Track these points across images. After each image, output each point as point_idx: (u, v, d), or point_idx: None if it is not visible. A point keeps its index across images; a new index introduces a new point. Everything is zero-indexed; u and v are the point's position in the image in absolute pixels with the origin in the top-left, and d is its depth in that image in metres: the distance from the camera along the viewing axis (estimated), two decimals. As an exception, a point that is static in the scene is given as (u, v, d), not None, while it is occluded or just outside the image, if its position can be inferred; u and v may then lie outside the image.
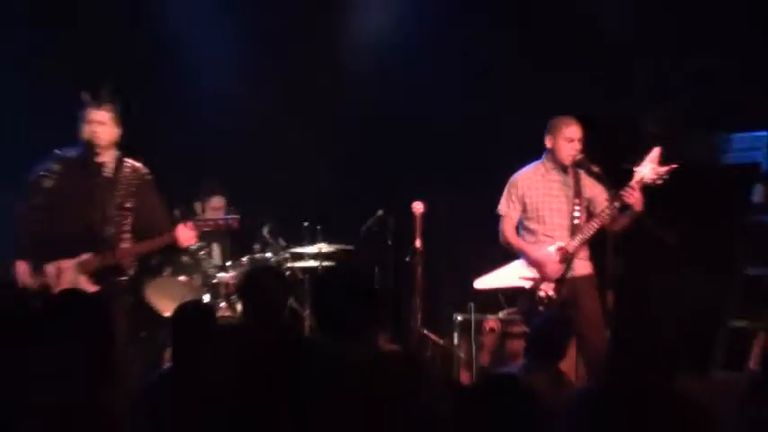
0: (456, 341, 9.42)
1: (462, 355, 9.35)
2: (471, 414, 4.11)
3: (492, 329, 9.06)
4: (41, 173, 7.98)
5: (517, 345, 8.61)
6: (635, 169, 8.28)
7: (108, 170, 7.98)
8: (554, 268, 8.42)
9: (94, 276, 7.84)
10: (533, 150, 8.71)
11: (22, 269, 7.83)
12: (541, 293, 8.44)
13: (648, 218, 8.36)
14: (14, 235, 7.98)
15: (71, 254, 7.85)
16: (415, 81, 10.42)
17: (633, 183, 8.22)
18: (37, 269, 7.83)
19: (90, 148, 7.93)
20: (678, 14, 10.08)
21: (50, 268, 7.84)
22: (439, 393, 4.91)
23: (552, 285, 8.42)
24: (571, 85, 9.84)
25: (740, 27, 9.94)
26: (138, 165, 8.08)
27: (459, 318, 9.40)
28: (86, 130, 7.92)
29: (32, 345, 4.59)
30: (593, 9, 10.11)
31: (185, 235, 7.93)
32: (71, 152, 8.02)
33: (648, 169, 8.25)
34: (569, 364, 7.93)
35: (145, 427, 4.99)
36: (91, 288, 7.67)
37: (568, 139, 8.50)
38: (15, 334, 4.69)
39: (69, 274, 7.83)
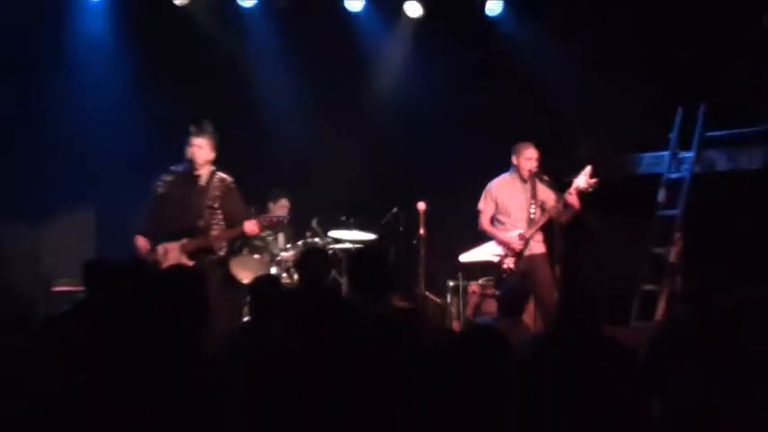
0: (449, 300, 9.38)
1: (453, 310, 9.30)
2: (460, 350, 4.05)
3: (474, 292, 9.00)
4: (159, 182, 8.01)
5: (491, 303, 8.56)
6: (573, 180, 8.30)
7: (203, 180, 7.98)
8: (515, 247, 8.42)
9: (191, 255, 7.85)
10: (503, 165, 8.75)
11: (141, 242, 7.85)
12: (505, 266, 8.46)
13: (583, 213, 8.34)
14: (139, 221, 7.98)
15: (174, 239, 7.87)
16: (420, 118, 10.39)
17: (572, 189, 8.25)
18: (151, 248, 7.86)
19: (191, 164, 7.94)
20: (593, 70, 10.08)
21: (160, 249, 7.86)
22: (437, 336, 4.92)
23: (513, 260, 8.43)
24: (529, 121, 9.83)
25: (638, 80, 9.90)
26: (225, 176, 8.05)
27: (451, 283, 9.33)
28: (189, 151, 7.93)
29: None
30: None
31: (250, 227, 7.94)
32: (179, 167, 8.03)
33: (583, 180, 8.27)
34: (529, 317, 7.90)
35: (229, 360, 4.95)
36: (189, 263, 7.67)
37: (528, 158, 8.52)
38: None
39: (173, 253, 7.83)
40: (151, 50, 9.55)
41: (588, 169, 8.32)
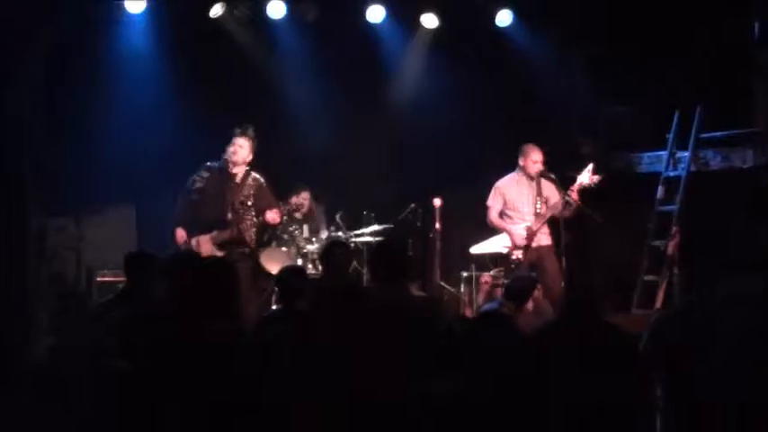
0: (462, 290, 9.35)
1: (466, 298, 9.27)
2: (473, 333, 4.04)
3: (486, 282, 8.98)
4: (196, 177, 8.04)
5: (500, 292, 8.53)
6: (577, 177, 8.32)
7: (238, 178, 8.00)
8: (522, 240, 8.43)
9: (220, 247, 7.86)
10: (510, 166, 8.79)
11: (180, 234, 7.90)
12: (514, 257, 8.48)
13: (587, 208, 8.34)
14: (176, 213, 8.04)
15: (206, 231, 7.89)
16: (436, 122, 10.32)
17: (575, 186, 8.28)
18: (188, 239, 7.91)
19: (228, 162, 7.95)
20: (597, 76, 10.13)
21: (193, 240, 7.90)
22: (451, 322, 4.89)
23: (521, 252, 8.45)
24: (537, 124, 9.82)
25: (640, 85, 9.94)
26: (257, 176, 8.11)
27: (464, 274, 9.30)
28: (230, 150, 7.95)
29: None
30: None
31: (270, 216, 7.98)
32: (215, 164, 8.06)
33: (586, 177, 8.28)
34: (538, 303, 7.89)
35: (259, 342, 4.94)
36: (219, 254, 7.67)
37: (534, 161, 8.58)
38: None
39: (206, 245, 7.87)
40: (188, 59, 9.54)
41: (591, 167, 8.35)
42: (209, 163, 8.11)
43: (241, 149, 7.98)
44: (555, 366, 4.30)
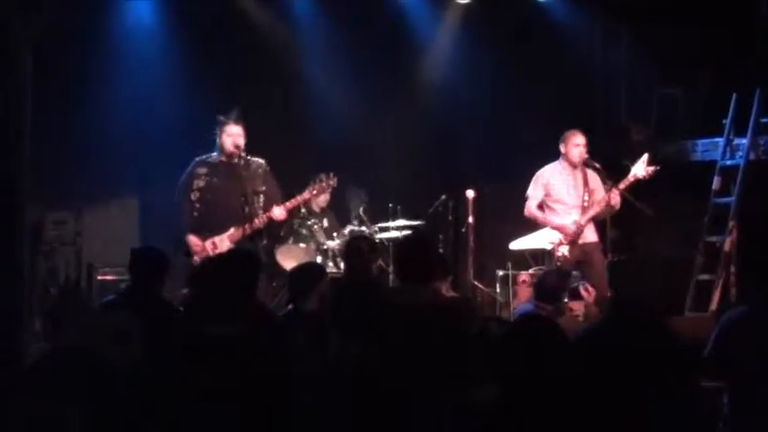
0: (498, 290, 9.26)
1: (502, 299, 9.18)
2: (511, 336, 3.89)
3: (524, 281, 8.89)
4: (195, 176, 7.82)
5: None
6: (631, 167, 8.28)
7: (243, 168, 7.84)
8: (569, 233, 8.32)
9: (237, 245, 7.70)
10: (554, 152, 8.65)
11: (193, 240, 7.68)
12: (559, 254, 8.35)
13: (635, 200, 8.27)
14: (183, 220, 7.81)
15: (221, 230, 7.72)
16: (468, 106, 10.33)
17: (630, 177, 8.22)
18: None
19: (225, 153, 7.82)
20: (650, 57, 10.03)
21: (208, 243, 7.67)
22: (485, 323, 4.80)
23: (567, 248, 8.33)
24: (581, 107, 9.84)
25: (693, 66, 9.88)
26: (258, 160, 7.91)
27: (500, 273, 9.22)
28: (228, 141, 7.80)
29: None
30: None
31: (279, 212, 7.76)
32: (211, 158, 7.87)
33: (641, 168, 8.23)
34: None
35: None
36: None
37: (575, 145, 8.47)
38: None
39: (222, 245, 7.70)
40: (199, 42, 9.52)
41: (646, 157, 8.27)
42: (201, 158, 7.90)
43: (240, 138, 7.84)
44: (601, 374, 4.22)
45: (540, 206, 8.58)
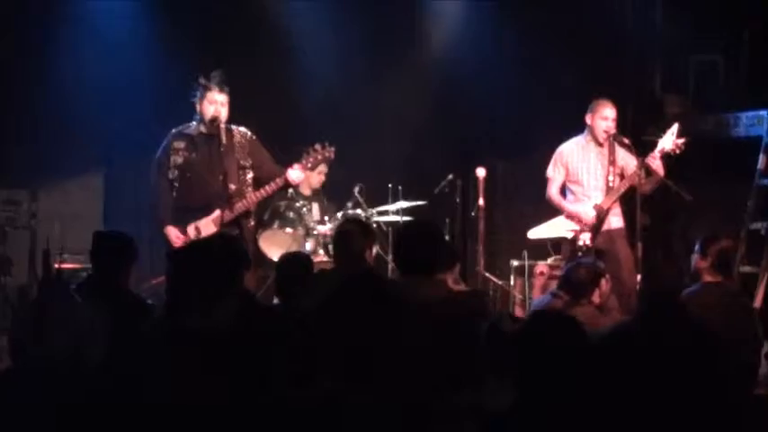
0: (512, 282, 9.32)
1: (517, 294, 9.22)
2: (527, 334, 3.92)
3: (542, 273, 8.95)
4: (170, 151, 7.70)
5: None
6: (658, 141, 8.25)
7: (226, 140, 7.73)
8: (586, 221, 8.35)
9: (227, 227, 7.63)
10: (579, 127, 8.66)
11: (173, 232, 7.59)
12: (580, 242, 8.37)
13: (670, 181, 8.26)
14: (155, 207, 7.77)
15: (205, 213, 7.64)
16: (478, 72, 10.33)
17: (656, 151, 8.19)
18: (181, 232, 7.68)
19: (212, 124, 7.73)
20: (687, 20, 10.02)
21: (191, 229, 7.60)
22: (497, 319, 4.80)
23: (589, 236, 8.36)
24: (607, 75, 9.80)
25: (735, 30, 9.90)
26: (242, 129, 7.84)
27: (515, 263, 9.28)
28: (211, 109, 7.70)
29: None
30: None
31: (295, 174, 7.69)
32: (188, 129, 7.77)
33: (669, 141, 8.21)
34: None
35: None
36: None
37: (603, 117, 8.48)
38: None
39: (206, 229, 7.64)
40: (172, 8, 9.54)
41: (675, 128, 8.26)
42: (178, 129, 7.78)
43: (223, 108, 7.76)
44: (630, 377, 4.21)
45: (563, 189, 8.63)
